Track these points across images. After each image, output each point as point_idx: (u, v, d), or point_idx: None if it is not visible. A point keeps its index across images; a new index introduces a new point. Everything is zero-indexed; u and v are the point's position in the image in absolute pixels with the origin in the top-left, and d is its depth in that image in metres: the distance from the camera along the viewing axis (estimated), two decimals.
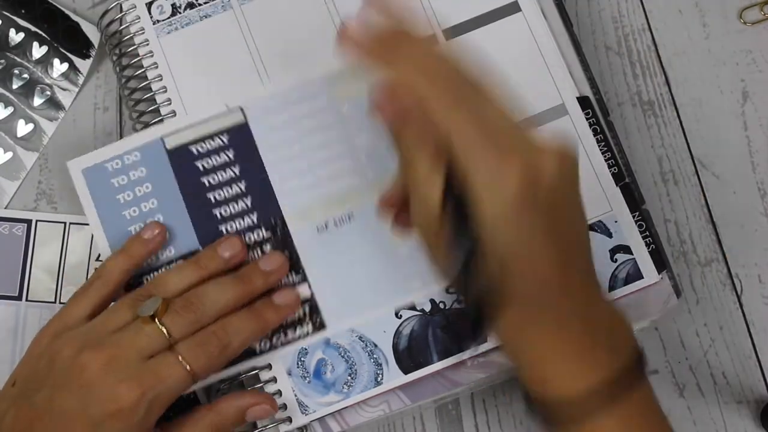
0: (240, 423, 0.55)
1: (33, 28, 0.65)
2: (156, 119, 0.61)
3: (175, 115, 0.61)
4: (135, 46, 0.62)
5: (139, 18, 0.63)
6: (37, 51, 0.65)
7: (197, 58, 0.62)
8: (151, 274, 0.58)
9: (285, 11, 0.62)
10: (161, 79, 0.61)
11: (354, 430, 0.58)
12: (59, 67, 0.65)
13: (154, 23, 0.62)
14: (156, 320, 0.51)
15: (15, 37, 0.65)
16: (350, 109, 0.59)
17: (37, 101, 0.65)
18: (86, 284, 0.56)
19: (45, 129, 0.65)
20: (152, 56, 0.62)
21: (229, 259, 0.56)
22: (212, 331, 0.52)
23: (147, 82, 0.62)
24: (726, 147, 0.65)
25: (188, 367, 0.51)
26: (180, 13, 0.62)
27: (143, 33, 0.62)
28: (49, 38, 0.65)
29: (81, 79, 0.65)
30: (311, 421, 0.57)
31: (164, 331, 0.51)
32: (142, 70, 0.62)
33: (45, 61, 0.65)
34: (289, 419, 0.57)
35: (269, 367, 0.57)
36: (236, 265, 0.57)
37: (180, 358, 0.51)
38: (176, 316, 0.52)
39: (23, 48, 0.65)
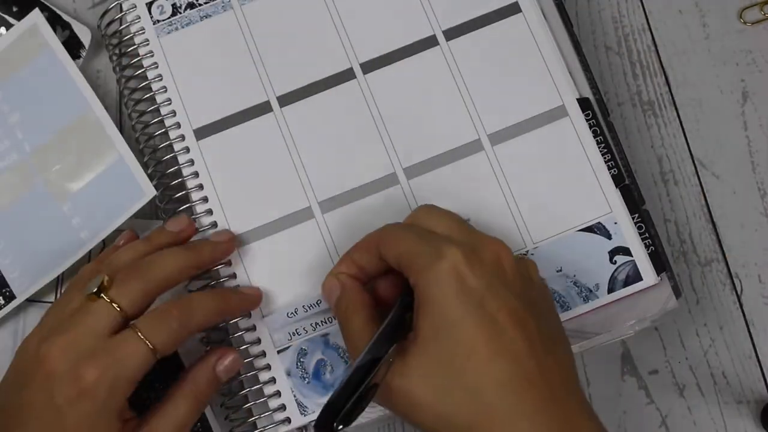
0: (217, 384, 0.54)
1: None
2: (156, 119, 0.61)
3: (174, 115, 0.61)
4: (135, 46, 0.62)
5: (140, 18, 0.62)
6: None
7: (197, 58, 0.62)
8: None
9: (285, 11, 0.62)
10: (161, 79, 0.61)
11: (354, 431, 0.58)
12: None
13: (154, 23, 0.62)
14: (103, 295, 0.50)
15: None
16: None
17: None
18: (66, 289, 0.56)
19: None
20: (152, 56, 0.62)
21: (179, 233, 0.57)
22: (172, 304, 0.52)
23: (147, 82, 0.61)
24: (726, 147, 0.65)
25: (149, 343, 0.50)
26: (180, 13, 0.62)
27: (143, 33, 0.62)
28: None
29: None
30: (311, 422, 0.57)
31: (113, 305, 0.50)
32: (142, 70, 0.62)
33: None
34: (288, 420, 0.57)
35: (268, 367, 0.57)
36: (186, 239, 0.57)
37: (139, 334, 0.50)
38: (121, 286, 0.51)
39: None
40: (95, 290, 0.51)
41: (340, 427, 0.46)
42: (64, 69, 0.63)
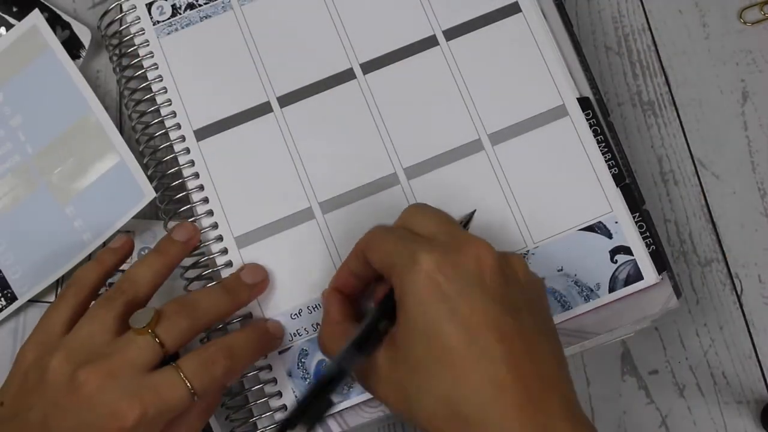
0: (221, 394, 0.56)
1: None
2: (156, 120, 0.61)
3: (175, 116, 0.61)
4: (135, 47, 0.62)
5: (140, 19, 0.62)
6: None
7: (198, 58, 0.62)
8: None
9: (285, 11, 0.62)
10: (161, 80, 0.61)
11: (354, 431, 0.58)
12: None
13: (154, 24, 0.62)
14: (150, 330, 0.50)
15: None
16: None
17: None
18: (61, 293, 0.55)
19: None
20: (152, 57, 0.62)
21: (186, 242, 0.57)
22: (219, 350, 0.51)
23: (147, 82, 0.62)
24: (726, 147, 0.65)
25: (190, 386, 0.49)
26: (180, 13, 0.62)
27: (143, 34, 0.62)
28: None
29: None
30: None
31: (157, 341, 0.50)
32: (143, 70, 0.62)
33: None
34: None
35: (269, 368, 0.57)
36: (194, 248, 0.58)
37: (182, 375, 0.49)
38: (169, 324, 0.51)
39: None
40: (143, 326, 0.50)
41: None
42: (65, 70, 0.63)
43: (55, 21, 0.65)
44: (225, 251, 0.59)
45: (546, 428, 0.45)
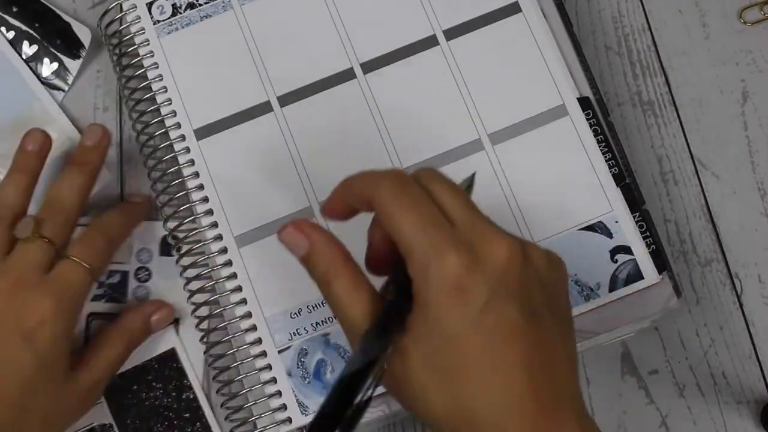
0: (148, 332, 0.60)
1: (24, 27, 0.65)
2: (156, 119, 0.61)
3: (175, 115, 0.61)
4: (135, 46, 0.62)
5: (140, 18, 0.62)
6: (28, 49, 0.65)
7: (198, 58, 0.62)
8: None
9: (285, 11, 0.62)
10: (162, 80, 0.61)
11: (354, 431, 0.58)
12: (49, 66, 0.65)
13: (154, 23, 0.62)
14: (36, 234, 0.55)
15: (6, 35, 0.65)
16: None
17: None
18: None
19: None
20: (153, 56, 0.62)
21: (40, 150, 0.59)
22: (94, 228, 0.58)
23: (147, 82, 0.61)
24: (726, 147, 0.65)
25: (86, 265, 0.55)
26: (180, 13, 0.62)
27: (144, 33, 0.62)
28: (39, 37, 0.65)
29: (71, 79, 0.65)
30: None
31: (47, 241, 0.55)
32: (143, 70, 0.62)
33: (35, 60, 0.65)
34: (289, 420, 0.57)
35: (269, 368, 0.57)
36: (47, 153, 0.60)
37: (75, 259, 0.55)
38: (48, 223, 0.56)
39: (14, 46, 0.65)
40: (29, 234, 0.55)
41: None
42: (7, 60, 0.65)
43: (54, 20, 0.65)
44: (224, 250, 0.59)
45: (557, 428, 0.45)
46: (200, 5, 0.62)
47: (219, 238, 0.59)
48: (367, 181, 0.47)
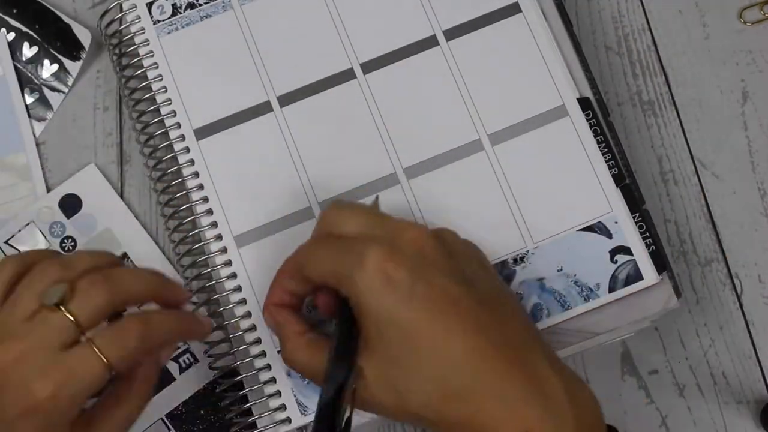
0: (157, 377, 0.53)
1: (24, 29, 0.65)
2: (156, 119, 0.61)
3: (175, 115, 0.61)
4: (135, 46, 0.62)
5: (140, 18, 0.62)
6: (28, 51, 0.65)
7: (198, 58, 0.62)
8: None
9: (285, 11, 0.62)
10: (161, 79, 0.61)
11: (354, 431, 0.58)
12: (49, 67, 0.65)
13: (154, 23, 0.62)
14: (62, 308, 0.47)
15: (6, 36, 0.65)
16: None
17: (27, 101, 0.65)
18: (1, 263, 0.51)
19: (34, 129, 0.65)
20: (152, 56, 0.62)
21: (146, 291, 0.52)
22: (134, 321, 0.49)
23: (147, 82, 0.61)
24: (726, 147, 0.65)
25: (104, 359, 0.46)
26: (180, 13, 0.62)
27: (143, 33, 0.62)
28: (39, 39, 0.65)
29: (71, 80, 0.65)
30: (311, 422, 0.57)
31: (71, 319, 0.47)
32: (143, 70, 0.62)
33: (35, 62, 0.65)
34: (289, 420, 0.56)
35: (269, 367, 0.57)
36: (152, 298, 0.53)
37: (95, 348, 0.46)
38: (83, 298, 0.47)
39: (14, 48, 0.65)
40: (55, 302, 0.47)
41: None
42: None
43: (54, 21, 0.65)
44: (224, 250, 0.58)
45: (536, 379, 0.46)
46: (200, 5, 0.62)
47: (219, 238, 0.59)
48: (288, 271, 0.53)
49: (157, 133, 0.61)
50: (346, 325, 0.49)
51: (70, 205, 0.63)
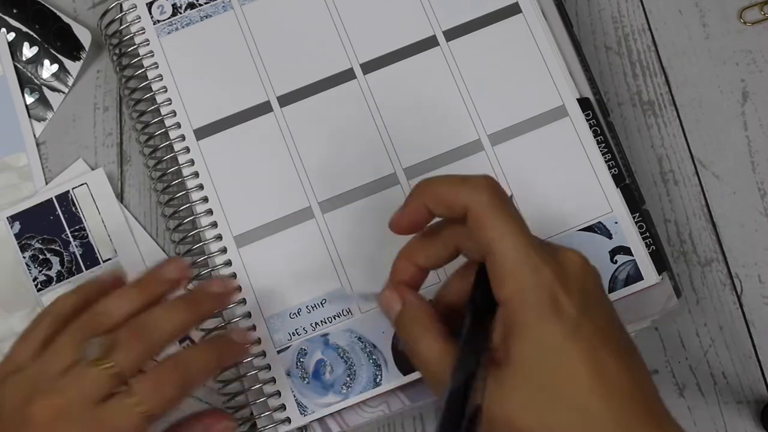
0: None
1: (24, 29, 0.65)
2: (156, 119, 0.61)
3: (175, 115, 0.61)
4: (135, 46, 0.62)
5: (140, 18, 0.63)
6: (28, 51, 0.65)
7: (198, 58, 0.62)
8: None
9: (285, 11, 0.62)
10: (161, 79, 0.61)
11: (354, 431, 0.58)
12: (49, 67, 0.65)
13: (154, 23, 0.62)
14: (103, 361, 0.47)
15: (6, 36, 0.65)
16: None
17: (27, 101, 0.65)
18: (34, 322, 0.51)
19: (34, 129, 0.65)
20: (152, 56, 0.62)
21: (176, 281, 0.52)
22: (171, 367, 0.48)
23: (147, 82, 0.62)
24: (726, 147, 0.65)
25: (144, 411, 0.46)
26: (180, 13, 0.62)
27: (143, 33, 0.62)
28: (39, 39, 0.65)
29: (71, 80, 0.65)
30: (310, 422, 0.57)
31: (112, 371, 0.46)
32: (143, 70, 0.62)
33: (35, 62, 0.65)
34: (288, 420, 0.57)
35: (268, 367, 0.57)
36: (180, 286, 0.53)
37: (134, 401, 0.46)
38: (124, 351, 0.47)
39: (14, 48, 0.65)
40: (97, 356, 0.47)
41: None
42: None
43: (54, 21, 0.65)
44: (224, 250, 0.59)
45: (666, 426, 0.47)
46: (200, 5, 0.62)
47: (219, 238, 0.59)
48: (460, 187, 0.47)
49: (157, 133, 0.61)
50: (477, 320, 0.46)
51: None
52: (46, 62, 0.65)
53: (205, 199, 0.59)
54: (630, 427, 0.45)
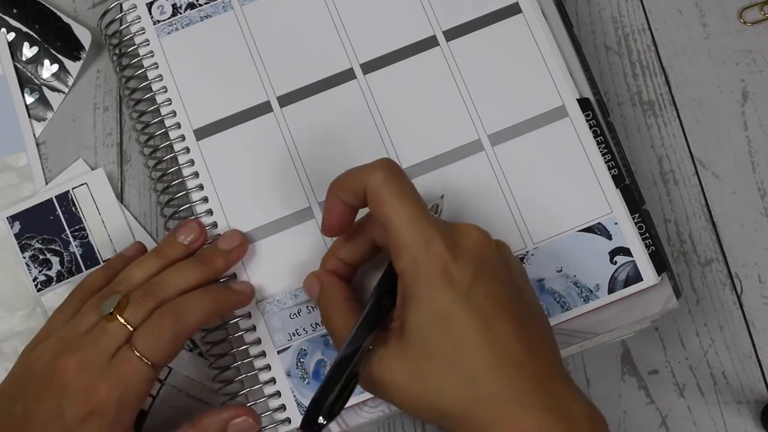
0: None
1: (24, 29, 0.65)
2: (156, 119, 0.61)
3: (175, 115, 0.61)
4: (135, 46, 0.62)
5: (140, 18, 0.62)
6: (28, 51, 0.65)
7: (198, 58, 0.62)
8: None
9: (286, 11, 0.62)
10: (161, 80, 0.61)
11: (354, 431, 0.58)
12: (49, 67, 0.65)
13: (154, 23, 0.62)
14: (117, 316, 0.52)
15: (6, 36, 0.65)
16: None
17: (27, 101, 0.65)
18: (68, 296, 0.57)
19: (34, 129, 0.65)
20: (152, 56, 0.62)
21: (190, 244, 0.57)
22: (165, 314, 0.52)
23: (147, 82, 0.62)
24: (726, 147, 0.65)
25: (146, 360, 0.51)
26: (180, 13, 0.62)
27: (143, 33, 0.62)
28: (39, 39, 0.65)
29: (71, 81, 0.65)
30: None
31: (126, 325, 0.52)
32: (143, 70, 0.62)
33: (35, 62, 0.65)
34: (288, 420, 0.57)
35: (268, 368, 0.57)
36: (197, 249, 0.58)
37: (136, 352, 0.51)
38: (136, 306, 0.53)
39: (14, 48, 0.65)
40: (111, 311, 0.52)
41: (324, 421, 0.46)
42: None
43: (54, 21, 0.65)
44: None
45: (561, 402, 0.46)
46: (200, 5, 0.62)
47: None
48: (359, 171, 0.50)
49: (157, 133, 0.61)
50: (379, 297, 0.50)
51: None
52: (46, 62, 0.65)
53: (205, 200, 0.59)
54: (517, 395, 0.46)
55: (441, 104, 0.60)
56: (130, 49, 0.63)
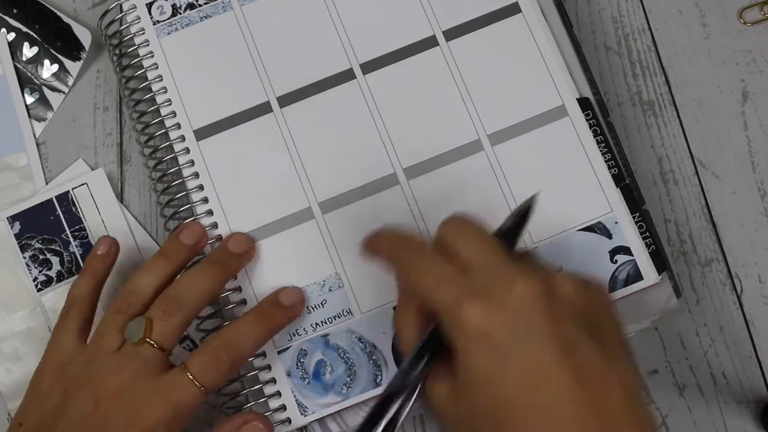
0: None
1: (24, 29, 0.65)
2: (156, 120, 0.61)
3: (175, 115, 0.61)
4: (135, 47, 0.62)
5: (140, 18, 0.63)
6: (28, 51, 0.65)
7: (198, 58, 0.62)
8: None
9: (285, 11, 0.62)
10: (161, 80, 0.61)
11: (354, 430, 0.58)
12: (49, 67, 0.65)
13: (154, 24, 0.62)
14: (147, 340, 0.52)
15: (6, 36, 0.65)
16: None
17: (27, 101, 0.65)
18: (64, 312, 0.56)
19: (34, 129, 0.65)
20: (152, 57, 0.62)
21: (194, 245, 0.57)
22: (221, 345, 0.53)
23: (147, 82, 0.62)
24: (726, 147, 0.65)
25: (199, 385, 0.51)
26: (180, 13, 0.62)
27: (143, 33, 0.62)
28: (39, 39, 0.65)
29: (71, 80, 0.65)
30: (311, 422, 0.57)
31: (158, 348, 0.52)
32: (143, 70, 0.62)
33: (35, 62, 0.65)
34: (289, 420, 0.57)
35: (269, 368, 0.57)
36: (201, 249, 0.58)
37: (191, 376, 0.51)
38: (162, 326, 0.52)
39: (14, 48, 0.65)
40: (142, 336, 0.52)
41: None
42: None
43: (54, 21, 0.65)
44: None
45: None
46: (200, 5, 0.62)
47: (219, 239, 0.59)
48: (388, 243, 0.50)
49: (157, 133, 0.61)
50: (430, 348, 0.47)
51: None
52: (46, 62, 0.65)
53: (206, 200, 0.59)
54: None
55: (441, 104, 0.60)
56: (130, 50, 0.63)
